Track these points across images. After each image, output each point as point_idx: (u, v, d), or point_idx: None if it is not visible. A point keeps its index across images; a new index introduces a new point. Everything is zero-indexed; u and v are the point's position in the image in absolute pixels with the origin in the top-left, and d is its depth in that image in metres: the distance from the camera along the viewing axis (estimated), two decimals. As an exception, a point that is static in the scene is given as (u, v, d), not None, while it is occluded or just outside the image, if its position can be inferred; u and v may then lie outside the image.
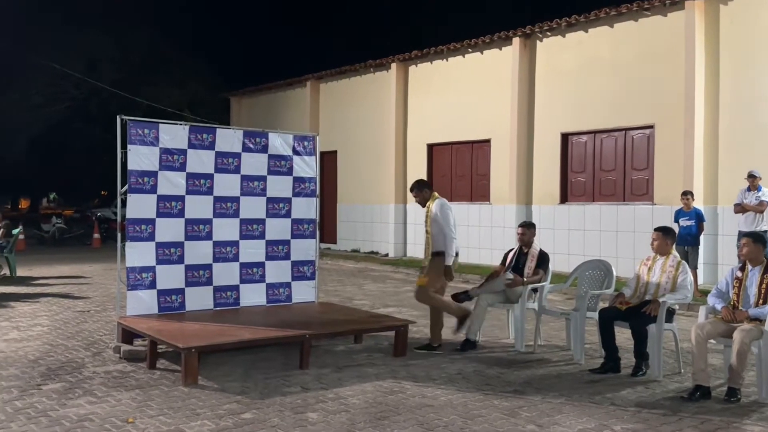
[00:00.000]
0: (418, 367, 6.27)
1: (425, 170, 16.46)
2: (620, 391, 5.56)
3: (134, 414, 4.76)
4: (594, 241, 12.99)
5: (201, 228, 7.10)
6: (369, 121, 17.66)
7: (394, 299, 10.61)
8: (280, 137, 7.57)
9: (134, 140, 6.68)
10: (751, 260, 5.64)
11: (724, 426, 4.73)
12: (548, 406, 5.13)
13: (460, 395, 5.40)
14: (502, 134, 14.58)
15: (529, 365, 6.46)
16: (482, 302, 7.18)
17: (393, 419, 4.78)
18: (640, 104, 12.40)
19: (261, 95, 21.49)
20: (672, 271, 6.18)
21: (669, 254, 6.33)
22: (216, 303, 7.18)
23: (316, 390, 5.46)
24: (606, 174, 13.22)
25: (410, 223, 16.80)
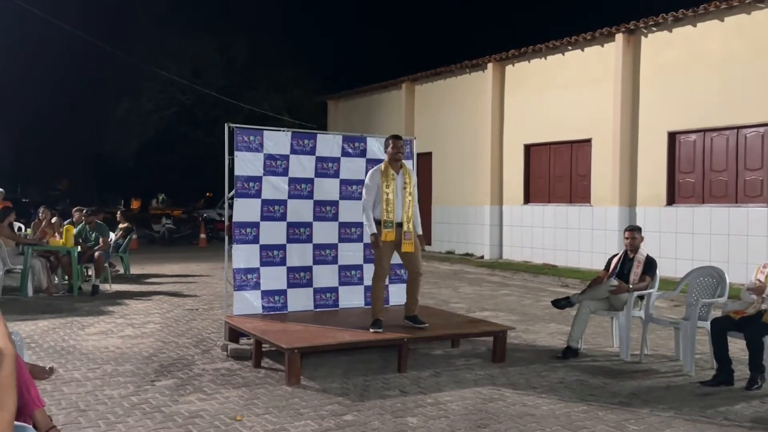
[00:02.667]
0: (518, 375, 6.18)
1: (522, 171, 16.20)
2: (734, 406, 5.27)
3: (242, 412, 4.94)
4: (704, 245, 12.35)
5: (302, 231, 7.29)
6: (464, 122, 17.56)
7: (491, 303, 10.50)
8: (377, 142, 7.65)
9: (240, 147, 6.95)
10: None
11: None
12: (657, 420, 4.93)
13: (562, 405, 5.27)
14: (604, 133, 14.12)
15: (636, 376, 6.23)
16: (585, 309, 6.98)
17: (493, 427, 4.73)
18: (753, 101, 11.68)
19: (357, 98, 21.81)
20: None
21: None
22: (316, 304, 7.35)
23: (415, 394, 5.49)
24: (717, 174, 12.54)
25: (506, 225, 16.58)
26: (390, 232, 6.36)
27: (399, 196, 6.41)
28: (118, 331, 7.90)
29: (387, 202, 6.36)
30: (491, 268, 15.10)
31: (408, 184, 6.49)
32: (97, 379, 5.78)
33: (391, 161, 6.49)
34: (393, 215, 6.36)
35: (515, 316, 9.24)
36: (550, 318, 9.10)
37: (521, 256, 16.00)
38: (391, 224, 6.36)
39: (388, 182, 6.39)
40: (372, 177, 6.44)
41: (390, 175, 6.42)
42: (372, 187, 6.40)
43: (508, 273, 14.42)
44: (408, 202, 6.46)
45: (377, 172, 6.45)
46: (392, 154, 6.48)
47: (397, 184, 6.42)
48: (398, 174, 6.47)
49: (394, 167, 6.48)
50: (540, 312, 9.65)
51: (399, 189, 6.42)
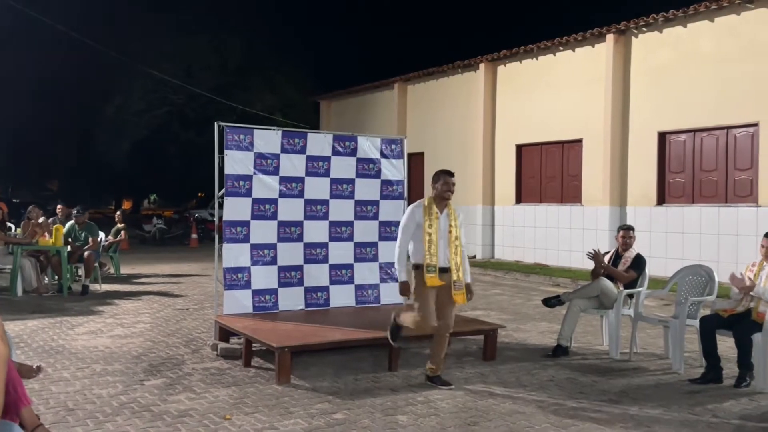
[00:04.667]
0: (508, 373, 6.19)
1: (514, 171, 16.24)
2: (722, 403, 5.29)
3: (231, 411, 4.93)
4: (693, 244, 12.41)
5: (293, 230, 7.28)
6: (456, 122, 17.58)
7: (483, 302, 10.51)
8: (368, 141, 7.66)
9: (230, 145, 6.93)
10: None
11: (842, 445, 4.42)
12: (646, 417, 4.95)
13: (552, 402, 5.29)
14: (595, 134, 14.17)
15: (625, 374, 6.25)
16: (575, 307, 7.00)
17: (483, 425, 4.74)
18: (743, 101, 11.75)
19: (349, 98, 21.81)
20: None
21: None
22: (307, 303, 7.34)
23: (405, 392, 5.49)
24: (707, 174, 12.60)
25: (498, 224, 16.62)
26: (433, 277, 5.44)
27: (443, 238, 5.52)
28: (107, 330, 7.86)
29: (429, 243, 5.47)
30: (483, 267, 15.13)
31: (454, 227, 5.58)
32: (86, 379, 5.76)
33: (437, 198, 5.60)
34: (436, 259, 5.45)
35: (507, 315, 9.26)
36: (541, 317, 9.12)
37: (513, 255, 16.03)
38: (434, 269, 5.43)
39: (431, 221, 5.50)
40: (412, 214, 5.57)
41: (434, 214, 5.53)
42: (409, 226, 5.56)
43: (500, 272, 14.45)
44: (455, 247, 5.55)
45: (419, 208, 5.56)
46: (441, 191, 5.57)
47: (441, 225, 5.53)
48: (442, 214, 5.57)
49: (440, 206, 5.59)
50: (531, 311, 9.68)
51: (443, 231, 5.53)
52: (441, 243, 5.51)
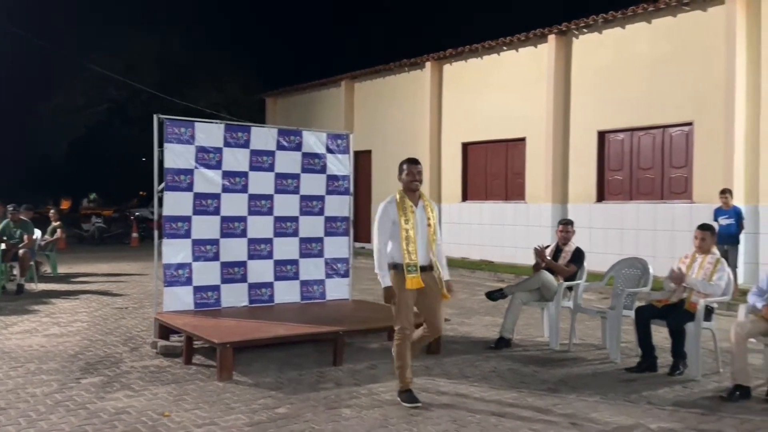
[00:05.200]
0: (452, 365, 6.25)
1: (460, 169, 16.41)
2: (657, 390, 5.47)
3: (170, 408, 4.83)
4: (631, 240, 12.78)
5: (236, 225, 7.18)
6: (403, 121, 17.67)
7: (428, 298, 10.57)
8: (314, 135, 7.63)
9: (171, 138, 6.79)
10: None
11: (765, 426, 4.62)
12: (583, 405, 5.07)
13: (494, 392, 5.36)
14: (538, 132, 14.44)
15: (564, 364, 6.39)
16: (516, 300, 7.12)
17: (426, 415, 4.77)
18: (678, 101, 12.16)
19: (296, 95, 21.66)
20: (710, 268, 6.05)
21: (709, 253, 6.20)
22: (251, 300, 7.26)
23: (349, 386, 5.48)
24: (644, 172, 12.99)
25: (445, 222, 16.74)
26: (415, 278, 4.98)
27: (421, 233, 5.06)
28: (43, 329, 7.61)
29: (407, 240, 4.99)
30: (429, 264, 15.21)
31: (431, 219, 5.16)
32: (20, 378, 5.56)
33: (406, 190, 5.13)
34: (416, 257, 5.00)
35: (452, 310, 9.33)
36: (485, 311, 9.25)
37: (459, 252, 16.19)
38: (415, 268, 4.98)
39: (407, 216, 5.03)
40: (385, 212, 5.08)
41: (408, 207, 5.06)
42: (385, 224, 5.05)
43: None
44: (433, 242, 5.13)
45: (391, 204, 5.09)
46: (407, 181, 5.13)
47: (417, 219, 5.07)
48: (417, 207, 5.13)
49: (412, 198, 5.13)
50: (476, 305, 9.80)
51: (421, 225, 5.07)
52: (419, 239, 5.05)
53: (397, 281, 5.00)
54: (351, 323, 6.68)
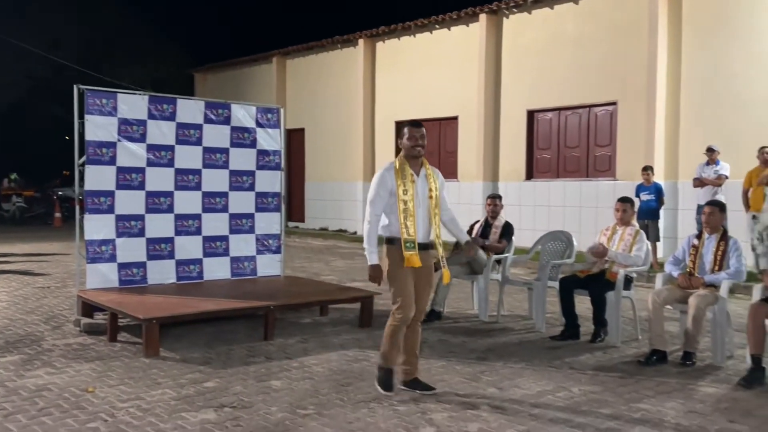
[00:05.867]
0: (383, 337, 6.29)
1: (393, 147, 16.44)
2: (579, 356, 5.67)
3: (94, 384, 4.70)
4: (558, 216, 13.14)
5: (162, 201, 7.00)
6: (336, 98, 17.56)
7: (362, 274, 10.59)
8: (243, 109, 7.49)
9: (92, 110, 6.55)
10: (711, 228, 5.76)
11: (680, 388, 4.85)
12: (509, 371, 5.21)
13: (423, 362, 5.40)
14: (470, 111, 14.61)
15: (492, 334, 6.54)
16: (447, 274, 7.21)
17: (357, 385, 4.80)
18: (603, 81, 12.52)
19: (226, 71, 21.19)
20: (630, 239, 6.29)
21: (629, 225, 6.45)
22: (179, 277, 7.11)
23: (280, 359, 5.46)
24: (570, 151, 13.35)
25: (378, 200, 16.79)
26: (413, 255, 4.45)
27: (422, 206, 4.52)
28: (-44, 311, 7.26)
29: (406, 213, 4.46)
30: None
31: (434, 191, 4.58)
32: (-71, 360, 5.29)
33: (408, 157, 4.55)
34: (414, 231, 4.46)
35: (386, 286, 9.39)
36: (417, 286, 9.34)
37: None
38: (413, 245, 4.45)
39: (406, 186, 4.48)
40: (382, 180, 4.49)
41: (408, 177, 4.49)
42: (381, 195, 4.48)
43: (379, 247, 14.63)
44: (435, 215, 4.58)
45: (389, 172, 4.51)
46: (408, 147, 4.52)
47: (418, 190, 4.52)
48: (419, 176, 4.56)
49: (413, 166, 4.56)
50: (408, 282, 9.87)
51: (422, 197, 4.52)
52: (420, 213, 4.50)
53: (394, 257, 4.49)
54: (282, 298, 6.63)
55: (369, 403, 4.42)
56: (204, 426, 3.96)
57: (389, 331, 4.59)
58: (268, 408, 4.28)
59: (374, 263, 4.53)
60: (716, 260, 5.65)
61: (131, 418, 4.07)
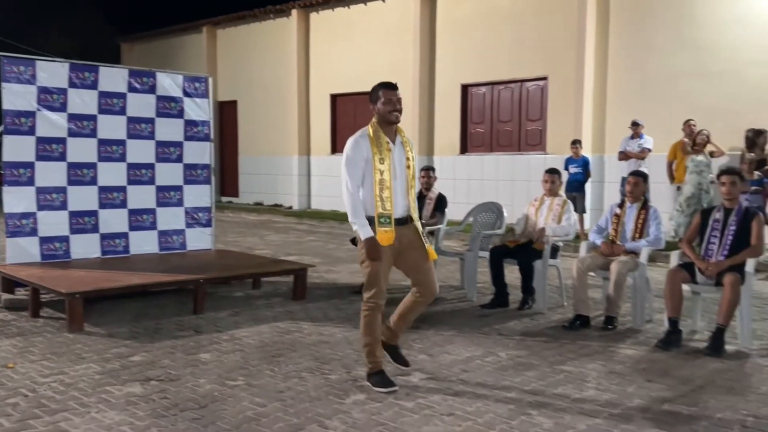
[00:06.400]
0: (316, 309, 6.30)
1: (329, 121, 16.33)
2: (507, 323, 5.81)
3: (14, 359, 4.54)
4: (492, 189, 13.35)
5: (85, 172, 6.76)
6: (270, 70, 17.24)
7: (296, 248, 10.57)
8: (169, 77, 7.26)
9: (9, 78, 6.25)
10: (634, 197, 5.96)
11: (601, 350, 5.04)
12: (440, 338, 5.30)
13: (356, 332, 5.42)
14: (405, 85, 14.43)
15: (425, 304, 6.62)
16: (380, 245, 7.24)
17: (288, 356, 4.79)
18: (534, 56, 12.70)
19: (154, 41, 20.50)
20: (558, 209, 6.46)
21: (557, 195, 6.61)
22: (104, 251, 6.90)
23: (210, 333, 5.39)
24: (503, 125, 13.55)
25: (314, 175, 16.70)
26: (388, 231, 4.03)
27: (400, 177, 4.09)
28: None
29: (381, 185, 4.02)
30: (299, 217, 15.19)
31: (412, 160, 4.18)
32: None
33: (382, 123, 4.10)
34: (391, 205, 4.03)
35: (319, 259, 9.39)
36: (352, 259, 9.35)
37: (330, 205, 16.23)
38: (389, 220, 4.04)
39: (383, 155, 4.03)
40: (356, 147, 4.05)
41: (384, 145, 4.05)
42: (357, 162, 4.02)
43: (315, 221, 14.60)
44: (412, 187, 4.17)
45: (363, 139, 4.06)
46: (384, 112, 4.07)
47: (395, 160, 4.08)
48: (395, 144, 4.12)
49: (388, 133, 4.11)
50: (344, 254, 9.89)
51: (399, 167, 4.09)
52: (397, 184, 4.07)
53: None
54: (213, 271, 6.54)
55: (300, 372, 4.43)
56: (129, 399, 3.89)
57: (364, 322, 4.20)
58: (197, 380, 4.23)
59: (370, 235, 3.98)
60: (637, 228, 5.86)
61: (53, 393, 3.95)
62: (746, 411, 3.83)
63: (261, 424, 3.57)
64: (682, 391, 4.16)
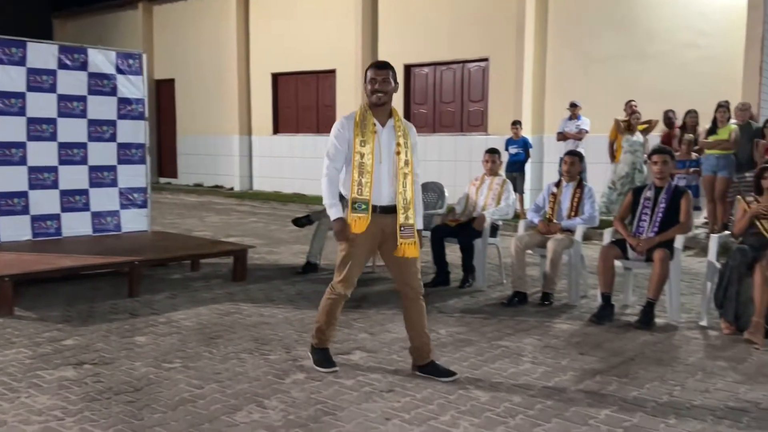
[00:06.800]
0: (257, 290, 6.24)
1: (270, 100, 16.10)
2: (448, 301, 5.89)
3: (-64, 348, 4.35)
4: (434, 170, 13.37)
5: (13, 152, 6.48)
6: (209, 48, 16.84)
7: (238, 230, 10.43)
8: (101, 54, 7.01)
9: (-73, 51, 5.91)
10: (570, 176, 6.09)
11: (538, 325, 5.17)
12: (381, 317, 5.33)
13: (298, 312, 5.45)
14: (348, 64, 14.51)
15: (368, 283, 6.63)
16: (323, 226, 7.21)
17: (227, 337, 4.74)
18: (475, 37, 12.79)
19: (88, 17, 19.76)
20: (498, 188, 6.55)
21: (497, 175, 6.70)
22: (34, 233, 6.66)
23: (146, 315, 5.28)
24: (446, 106, 13.63)
25: (256, 155, 16.48)
26: (361, 218, 3.84)
27: (385, 162, 3.86)
28: None
29: (361, 169, 3.83)
30: (241, 198, 14.99)
31: (403, 146, 3.88)
32: None
33: (372, 105, 3.89)
34: (369, 192, 3.82)
35: (261, 240, 9.29)
36: (294, 240, 9.30)
37: (272, 186, 16.07)
38: (364, 206, 3.83)
39: (365, 138, 3.83)
40: (340, 129, 3.90)
41: (369, 126, 3.85)
42: (338, 143, 3.87)
43: (257, 202, 14.43)
44: (403, 175, 3.87)
45: (349, 120, 3.91)
46: (367, 92, 3.89)
47: (381, 143, 3.86)
48: (384, 127, 3.90)
49: (378, 115, 3.89)
50: (286, 236, 9.82)
51: (385, 151, 3.86)
52: (381, 169, 3.85)
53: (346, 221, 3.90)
54: (149, 253, 6.38)
55: (239, 354, 4.38)
56: (61, 383, 3.78)
57: (325, 304, 4.11)
58: (132, 363, 4.14)
59: (338, 216, 3.85)
60: (572, 207, 6.00)
61: (-21, 381, 3.81)
62: (674, 381, 3.99)
63: (197, 405, 3.52)
64: (613, 363, 4.30)
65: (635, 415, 3.48)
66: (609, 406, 3.59)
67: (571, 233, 5.94)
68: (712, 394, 3.78)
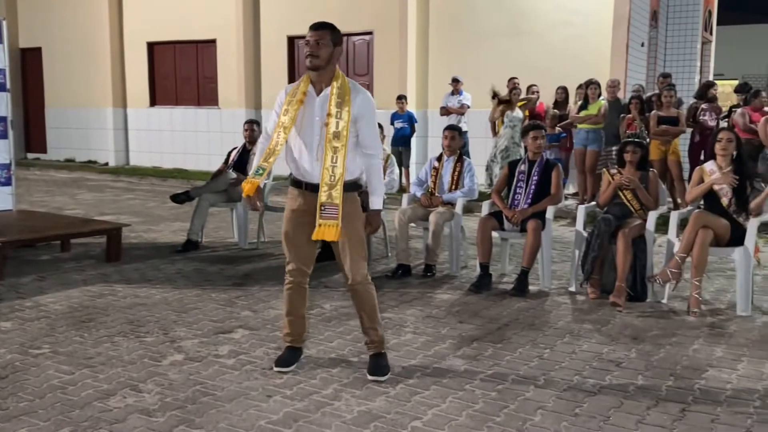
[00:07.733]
0: (133, 271, 5.99)
1: (146, 71, 15.33)
2: (333, 276, 5.89)
3: None
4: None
5: None
6: (78, 14, 15.74)
7: (113, 207, 9.95)
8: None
9: None
10: (451, 151, 6.22)
11: (420, 296, 5.29)
12: (265, 294, 5.27)
13: (176, 292, 5.28)
14: (228, 34, 14.04)
15: (251, 260, 6.54)
16: (204, 202, 7.01)
17: (99, 320, 4.52)
18: (359, 10, 12.73)
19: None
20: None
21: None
22: None
23: (11, 300, 4.94)
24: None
25: (132, 129, 15.69)
26: (251, 183, 3.58)
27: (308, 133, 3.50)
28: None
29: (277, 137, 3.52)
30: (116, 174, 14.27)
31: (334, 116, 3.43)
32: None
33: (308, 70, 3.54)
34: (273, 160, 3.53)
35: (138, 218, 8.90)
36: (174, 218, 8.99)
37: (150, 161, 15.39)
38: (261, 171, 3.57)
39: (289, 106, 3.50)
40: (278, 97, 3.62)
41: (297, 96, 3.51)
42: (274, 110, 3.64)
43: (134, 178, 13.80)
44: (333, 149, 3.43)
45: (289, 86, 3.63)
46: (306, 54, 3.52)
47: (306, 112, 3.49)
48: (318, 96, 3.50)
49: (315, 81, 3.53)
50: (165, 213, 9.47)
51: (307, 122, 3.49)
52: (302, 141, 3.51)
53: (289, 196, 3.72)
54: (13, 234, 5.95)
55: (113, 337, 4.20)
56: None
57: (284, 294, 3.95)
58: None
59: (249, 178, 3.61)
60: (453, 180, 6.16)
61: None
62: (544, 344, 4.22)
63: (67, 392, 3.35)
64: (489, 329, 4.48)
65: (508, 378, 3.65)
66: (484, 371, 3.75)
67: (452, 206, 6.10)
68: (578, 355, 4.03)
